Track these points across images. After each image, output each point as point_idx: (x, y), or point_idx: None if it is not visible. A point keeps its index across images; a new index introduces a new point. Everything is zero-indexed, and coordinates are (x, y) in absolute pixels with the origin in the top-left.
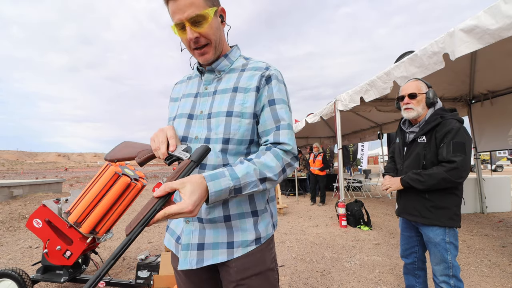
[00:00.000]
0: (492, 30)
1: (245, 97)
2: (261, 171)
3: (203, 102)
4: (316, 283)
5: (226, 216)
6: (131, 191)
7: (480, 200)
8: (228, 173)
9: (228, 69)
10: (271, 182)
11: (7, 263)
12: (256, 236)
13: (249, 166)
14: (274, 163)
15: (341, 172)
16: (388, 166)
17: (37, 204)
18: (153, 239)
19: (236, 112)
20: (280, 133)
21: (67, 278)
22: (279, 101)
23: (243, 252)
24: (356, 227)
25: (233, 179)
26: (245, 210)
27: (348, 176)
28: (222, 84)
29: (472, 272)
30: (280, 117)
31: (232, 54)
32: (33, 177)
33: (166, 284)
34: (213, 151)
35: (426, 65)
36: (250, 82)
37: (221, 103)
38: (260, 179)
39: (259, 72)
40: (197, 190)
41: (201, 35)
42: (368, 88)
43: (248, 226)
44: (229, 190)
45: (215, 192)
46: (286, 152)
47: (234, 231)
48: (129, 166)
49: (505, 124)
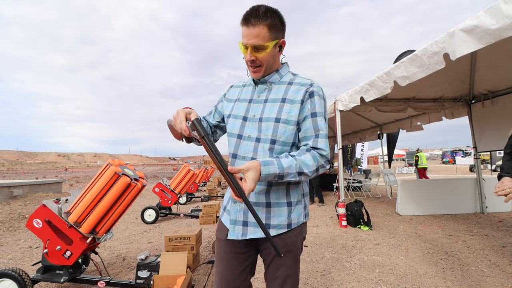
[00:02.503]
0: (492, 30)
1: (291, 107)
2: (300, 166)
3: (255, 108)
4: (316, 283)
5: (267, 202)
6: (131, 191)
7: (480, 200)
8: (276, 162)
9: (278, 81)
10: (306, 176)
11: (7, 263)
12: (288, 222)
13: (292, 160)
14: (311, 163)
15: (341, 172)
16: (507, 165)
17: (37, 204)
18: (153, 239)
19: (283, 119)
20: (318, 140)
21: (67, 278)
22: (319, 114)
23: (277, 233)
24: (356, 227)
25: (279, 168)
26: (281, 200)
27: (348, 176)
28: (272, 94)
29: (472, 272)
30: (320, 128)
31: (283, 70)
32: (33, 177)
33: (166, 284)
34: (262, 149)
35: (427, 65)
36: (296, 95)
37: (271, 110)
38: (298, 172)
39: (305, 87)
40: (256, 175)
41: (257, 59)
42: (368, 88)
43: (283, 213)
44: (274, 175)
45: (265, 175)
46: (321, 156)
47: (271, 216)
48: (129, 166)
49: (505, 124)
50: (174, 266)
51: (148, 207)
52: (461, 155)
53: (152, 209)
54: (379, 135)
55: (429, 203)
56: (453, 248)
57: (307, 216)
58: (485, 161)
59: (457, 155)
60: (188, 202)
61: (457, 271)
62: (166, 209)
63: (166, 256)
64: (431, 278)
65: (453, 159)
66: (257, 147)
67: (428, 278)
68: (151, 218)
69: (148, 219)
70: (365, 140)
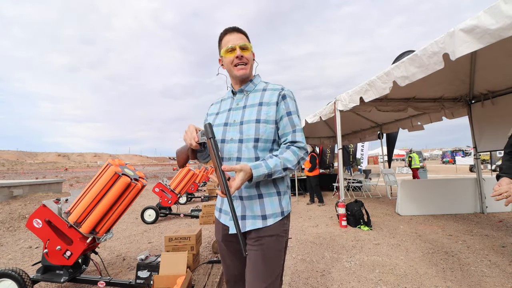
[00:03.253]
0: (492, 30)
1: (269, 109)
2: (284, 163)
3: (235, 114)
4: (316, 283)
5: (259, 194)
6: (131, 191)
7: (480, 200)
8: (264, 164)
9: (253, 90)
10: (290, 170)
11: (7, 263)
12: (281, 210)
13: (276, 159)
14: (292, 158)
15: (341, 172)
16: (506, 165)
17: (37, 204)
18: (153, 239)
19: (263, 119)
20: (296, 134)
21: (67, 278)
22: (293, 113)
23: (274, 222)
24: (356, 227)
25: (267, 168)
26: (271, 190)
27: (348, 176)
28: (250, 100)
29: (472, 272)
30: (296, 123)
31: (256, 79)
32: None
33: (166, 284)
34: (246, 148)
35: (426, 65)
36: (271, 98)
37: (251, 114)
38: (283, 169)
39: (277, 91)
40: (245, 176)
41: (244, 57)
42: (368, 88)
43: (275, 202)
44: (264, 175)
45: (257, 176)
46: (300, 149)
47: (265, 206)
48: (129, 166)
49: (505, 124)
50: (174, 266)
51: (148, 207)
52: (461, 155)
53: (152, 209)
54: (379, 135)
55: (429, 203)
56: (453, 248)
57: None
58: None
59: (457, 155)
60: (188, 202)
61: (457, 271)
62: (166, 209)
63: (166, 256)
64: (431, 278)
65: (453, 159)
66: (241, 148)
67: (428, 278)
68: (151, 218)
69: (148, 219)
70: (365, 140)
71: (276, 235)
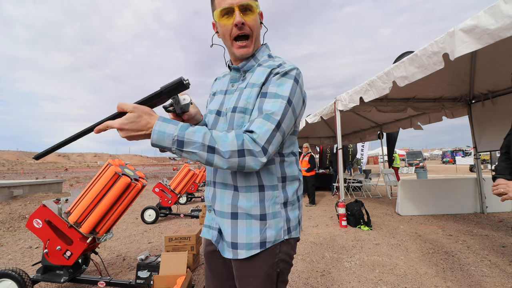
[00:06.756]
0: (492, 30)
1: (251, 92)
2: (212, 139)
3: (228, 100)
4: (316, 283)
5: (235, 186)
6: (131, 191)
7: (480, 200)
8: (181, 125)
9: (253, 68)
10: (219, 156)
11: (7, 263)
12: (264, 238)
13: (202, 129)
14: (230, 139)
15: (341, 172)
16: (501, 166)
17: (37, 204)
18: (153, 239)
19: (240, 107)
20: (254, 121)
21: (67, 278)
22: (271, 95)
23: (248, 255)
24: (356, 227)
25: (180, 130)
26: (253, 184)
27: (348, 176)
28: (245, 82)
29: (472, 272)
30: (265, 109)
31: (260, 54)
32: (33, 177)
33: (166, 284)
34: None
35: (426, 65)
36: (259, 78)
37: (234, 100)
38: (208, 146)
39: (270, 68)
40: (138, 120)
41: (247, 24)
42: (368, 88)
43: (254, 227)
44: (172, 138)
45: (158, 131)
46: (252, 141)
47: (238, 225)
48: (129, 166)
49: (505, 124)
50: (174, 266)
51: (148, 207)
52: (461, 155)
53: (152, 209)
54: (379, 135)
55: (429, 203)
56: (453, 248)
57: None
58: (485, 161)
59: (457, 155)
60: (188, 202)
61: (457, 271)
62: (166, 209)
63: (166, 256)
64: (431, 278)
65: (453, 159)
66: None
67: (428, 278)
68: (151, 218)
69: (148, 219)
70: (365, 140)
71: (260, 276)
